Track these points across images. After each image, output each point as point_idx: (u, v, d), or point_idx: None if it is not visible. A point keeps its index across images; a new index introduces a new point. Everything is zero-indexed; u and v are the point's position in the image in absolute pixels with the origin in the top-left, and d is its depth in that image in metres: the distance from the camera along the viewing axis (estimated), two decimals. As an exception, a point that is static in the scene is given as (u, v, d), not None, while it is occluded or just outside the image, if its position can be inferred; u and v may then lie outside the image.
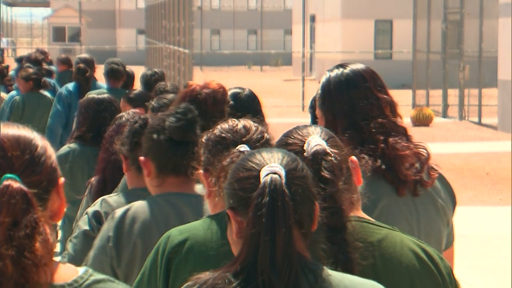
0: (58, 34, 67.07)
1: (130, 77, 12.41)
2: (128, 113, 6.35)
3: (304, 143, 3.19)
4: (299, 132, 3.27)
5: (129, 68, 12.86)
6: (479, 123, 28.50)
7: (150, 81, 11.08)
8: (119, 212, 4.50)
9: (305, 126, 3.33)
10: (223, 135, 3.77)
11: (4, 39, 66.28)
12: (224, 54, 55.62)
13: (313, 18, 49.99)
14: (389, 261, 3.27)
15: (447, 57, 31.56)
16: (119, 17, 75.31)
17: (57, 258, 2.71)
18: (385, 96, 4.51)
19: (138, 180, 4.93)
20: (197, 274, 2.77)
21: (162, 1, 48.90)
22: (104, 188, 5.98)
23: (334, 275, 2.82)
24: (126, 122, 6.07)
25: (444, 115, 30.73)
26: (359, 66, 4.60)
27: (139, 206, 4.50)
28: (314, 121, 6.26)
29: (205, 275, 2.73)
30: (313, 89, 6.84)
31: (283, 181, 2.67)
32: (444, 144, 23.65)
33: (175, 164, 4.64)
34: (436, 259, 3.34)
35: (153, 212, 4.44)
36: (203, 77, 33.30)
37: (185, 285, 2.78)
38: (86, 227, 4.80)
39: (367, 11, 44.71)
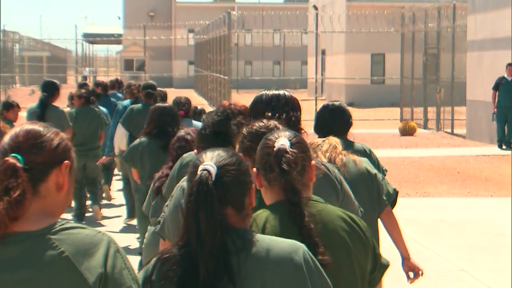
0: (128, 64, 67.27)
1: (163, 97, 12.41)
2: (185, 130, 6.86)
3: (275, 143, 3.40)
4: (275, 134, 3.48)
5: (162, 89, 12.95)
6: (452, 133, 28.37)
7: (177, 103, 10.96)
8: (185, 184, 4.53)
9: (282, 130, 3.60)
10: (261, 130, 3.87)
11: (87, 69, 66.58)
12: (255, 80, 55.58)
13: (323, 52, 49.92)
14: (327, 225, 3.41)
15: (427, 82, 31.44)
16: (174, 51, 75.43)
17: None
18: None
19: None
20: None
21: (207, 39, 48.90)
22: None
23: (260, 238, 2.95)
24: (185, 135, 6.66)
25: (425, 127, 30.58)
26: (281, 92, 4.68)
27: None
28: (316, 131, 6.21)
29: (165, 249, 2.95)
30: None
31: (212, 175, 2.86)
32: (425, 149, 23.56)
33: None
34: (359, 223, 3.54)
35: None
36: (238, 98, 33.34)
37: (153, 257, 2.93)
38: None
39: (365, 47, 44.61)
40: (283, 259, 2.91)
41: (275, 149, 3.39)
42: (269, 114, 4.33)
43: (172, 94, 13.95)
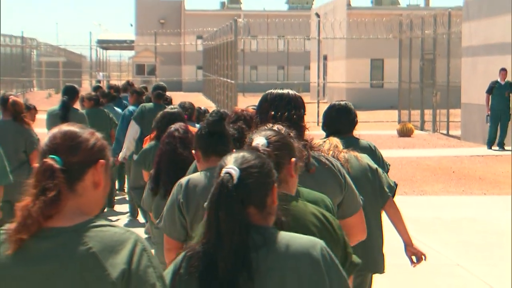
0: (140, 69, 67.31)
1: (169, 102, 12.57)
2: (175, 125, 6.88)
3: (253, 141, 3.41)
4: (257, 133, 3.51)
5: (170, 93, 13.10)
6: (447, 134, 28.34)
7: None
8: (183, 180, 4.73)
9: (265, 129, 3.61)
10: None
11: (101, 73, 66.61)
12: (260, 84, 55.43)
13: (325, 58, 49.90)
14: (298, 220, 3.41)
15: (424, 86, 31.42)
16: (183, 57, 75.46)
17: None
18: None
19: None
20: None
21: (215, 45, 48.91)
22: (159, 175, 6.27)
23: (281, 235, 2.97)
24: (174, 131, 6.68)
25: (422, 128, 30.56)
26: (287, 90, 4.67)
27: (196, 176, 4.79)
28: (324, 129, 6.25)
29: (191, 245, 2.98)
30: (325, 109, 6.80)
31: (234, 178, 2.89)
32: (422, 150, 23.54)
33: (214, 148, 4.94)
34: (331, 220, 3.55)
35: (206, 179, 4.64)
36: (244, 101, 33.32)
37: (182, 252, 2.96)
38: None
39: (364, 53, 44.59)
40: (302, 254, 2.92)
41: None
42: (272, 112, 4.36)
43: (181, 97, 14.01)
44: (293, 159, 3.55)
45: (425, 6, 54.77)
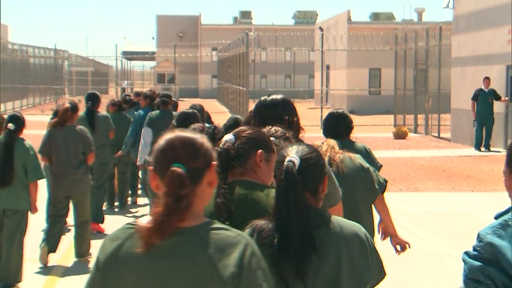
0: (160, 78, 67.23)
1: (174, 106, 12.85)
2: (194, 125, 6.96)
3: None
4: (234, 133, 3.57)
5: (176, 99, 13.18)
6: (439, 137, 28.29)
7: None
8: None
9: (246, 128, 3.68)
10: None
11: (125, 82, 66.67)
12: (269, 91, 55.35)
13: (328, 67, 49.88)
14: (244, 202, 3.39)
15: (417, 93, 31.37)
16: (200, 67, 75.50)
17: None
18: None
19: None
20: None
21: (228, 56, 48.92)
22: None
23: (334, 218, 3.14)
24: (193, 130, 6.60)
25: (415, 131, 30.51)
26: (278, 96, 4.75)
27: None
28: (324, 134, 6.32)
29: (258, 221, 3.07)
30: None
31: (296, 166, 3.04)
32: (415, 151, 23.50)
33: None
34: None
35: None
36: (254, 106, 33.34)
37: (246, 228, 3.04)
38: None
39: (363, 63, 44.53)
40: (353, 235, 3.10)
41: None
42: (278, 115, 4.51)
43: (198, 103, 14.03)
44: (259, 151, 3.55)
45: (418, 20, 54.69)
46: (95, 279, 2.61)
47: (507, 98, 23.08)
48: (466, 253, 3.12)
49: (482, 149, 22.66)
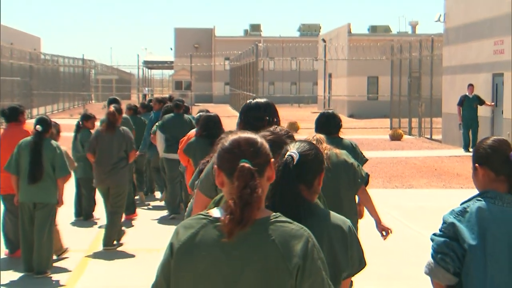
0: (178, 85, 67.21)
1: (185, 110, 13.00)
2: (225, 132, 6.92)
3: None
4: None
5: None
6: (431, 138, 28.25)
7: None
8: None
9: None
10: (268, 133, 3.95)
11: (146, 88, 66.70)
12: (276, 97, 55.39)
13: (330, 75, 49.87)
14: None
15: (411, 99, 31.34)
16: (214, 75, 75.50)
17: None
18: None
19: None
20: None
21: (240, 65, 49.00)
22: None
23: (323, 211, 3.17)
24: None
25: (410, 133, 30.47)
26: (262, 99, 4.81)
27: None
28: (316, 131, 6.40)
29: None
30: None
31: (295, 160, 3.07)
32: (410, 151, 23.46)
33: None
34: None
35: None
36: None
37: None
38: None
39: (362, 71, 44.49)
40: (336, 228, 3.13)
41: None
42: (267, 118, 4.57)
43: (212, 108, 14.12)
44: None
45: (412, 33, 54.60)
46: (168, 263, 2.62)
47: (493, 103, 23.07)
48: (434, 234, 3.69)
49: (470, 149, 22.61)
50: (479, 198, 3.63)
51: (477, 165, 3.70)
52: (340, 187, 5.65)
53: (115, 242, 10.02)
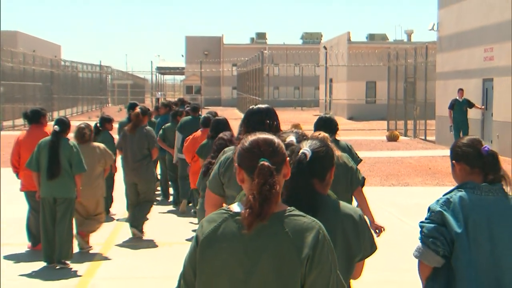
0: (188, 89, 67.25)
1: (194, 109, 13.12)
2: (224, 133, 7.08)
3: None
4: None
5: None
6: (425, 139, 28.22)
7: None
8: (223, 158, 4.80)
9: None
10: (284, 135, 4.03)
11: (159, 93, 66.64)
12: (281, 100, 55.60)
13: (331, 80, 49.83)
14: None
15: (407, 102, 31.31)
16: (222, 80, 75.50)
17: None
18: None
19: None
20: None
21: (246, 70, 49.01)
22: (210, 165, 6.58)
23: (336, 202, 3.23)
24: (223, 135, 6.98)
25: (405, 135, 30.44)
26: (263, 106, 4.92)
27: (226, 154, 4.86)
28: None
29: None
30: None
31: (308, 157, 3.14)
32: (405, 151, 23.43)
33: None
34: None
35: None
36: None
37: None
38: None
39: (361, 76, 44.47)
40: (348, 217, 3.20)
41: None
42: (268, 121, 4.67)
43: (220, 111, 14.18)
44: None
45: (408, 41, 54.50)
46: (194, 253, 2.69)
47: (483, 107, 23.07)
48: (421, 222, 3.89)
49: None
50: (460, 189, 3.86)
51: (454, 161, 4.00)
52: (339, 188, 5.63)
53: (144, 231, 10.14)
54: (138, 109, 10.86)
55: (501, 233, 3.72)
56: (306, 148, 3.22)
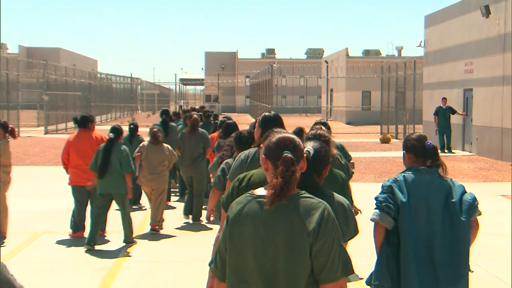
0: (208, 98, 67.28)
1: (215, 116, 13.50)
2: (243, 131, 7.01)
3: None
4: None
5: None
6: (413, 141, 28.13)
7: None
8: (241, 155, 4.97)
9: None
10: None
11: (182, 101, 66.87)
12: (288, 107, 55.58)
13: (331, 90, 49.78)
14: None
15: (397, 109, 31.26)
16: (237, 90, 75.50)
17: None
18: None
19: None
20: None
21: (258, 82, 49.00)
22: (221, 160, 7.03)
23: (330, 193, 3.39)
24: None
25: (396, 138, 30.37)
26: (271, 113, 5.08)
27: (244, 153, 5.01)
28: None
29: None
30: (332, 125, 6.91)
31: (311, 154, 3.32)
32: (396, 152, 23.28)
33: None
34: None
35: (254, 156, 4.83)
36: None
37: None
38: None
39: (358, 87, 44.41)
40: (339, 204, 3.41)
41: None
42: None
43: (235, 117, 14.24)
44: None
45: (398, 56, 54.33)
46: (225, 230, 2.85)
47: (464, 113, 23.09)
48: (376, 195, 4.36)
49: (446, 151, 22.60)
50: (406, 172, 4.38)
51: (404, 152, 4.52)
52: (335, 187, 5.70)
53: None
54: (196, 115, 11.14)
55: (434, 204, 4.23)
56: (309, 147, 3.36)
